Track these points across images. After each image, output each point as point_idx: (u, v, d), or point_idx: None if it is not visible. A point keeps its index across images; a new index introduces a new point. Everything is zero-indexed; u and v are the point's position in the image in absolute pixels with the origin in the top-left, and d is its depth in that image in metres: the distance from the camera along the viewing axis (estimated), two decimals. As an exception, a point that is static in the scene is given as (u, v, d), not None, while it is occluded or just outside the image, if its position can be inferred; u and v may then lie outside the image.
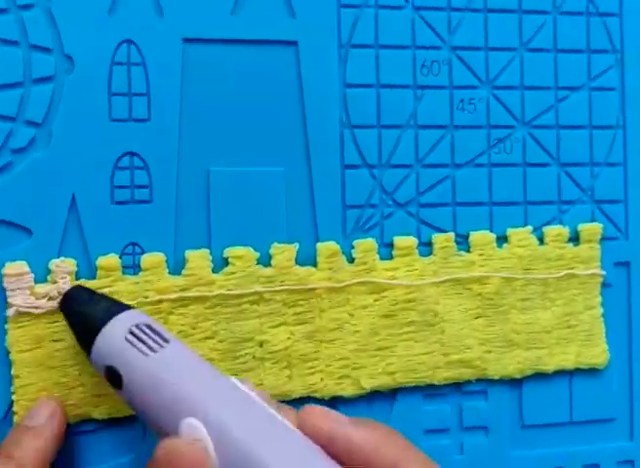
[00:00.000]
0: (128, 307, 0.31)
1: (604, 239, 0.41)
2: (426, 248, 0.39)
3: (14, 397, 0.34)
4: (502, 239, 0.40)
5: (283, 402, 0.35)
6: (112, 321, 0.30)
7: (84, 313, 0.31)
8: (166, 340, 0.29)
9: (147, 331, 0.29)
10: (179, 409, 0.27)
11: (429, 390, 0.38)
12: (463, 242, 0.39)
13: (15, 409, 0.33)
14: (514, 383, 0.40)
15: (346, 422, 0.28)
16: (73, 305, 0.31)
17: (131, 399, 0.29)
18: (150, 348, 0.28)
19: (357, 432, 0.28)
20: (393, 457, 0.27)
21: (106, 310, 0.30)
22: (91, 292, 0.32)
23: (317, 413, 0.28)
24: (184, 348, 0.30)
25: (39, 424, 0.32)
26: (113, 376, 0.29)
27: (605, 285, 0.41)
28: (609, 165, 0.41)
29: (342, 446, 0.27)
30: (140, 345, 0.28)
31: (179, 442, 0.26)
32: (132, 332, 0.29)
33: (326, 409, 0.29)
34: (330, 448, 0.27)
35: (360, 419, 0.29)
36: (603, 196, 0.41)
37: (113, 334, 0.29)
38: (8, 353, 0.33)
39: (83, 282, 0.34)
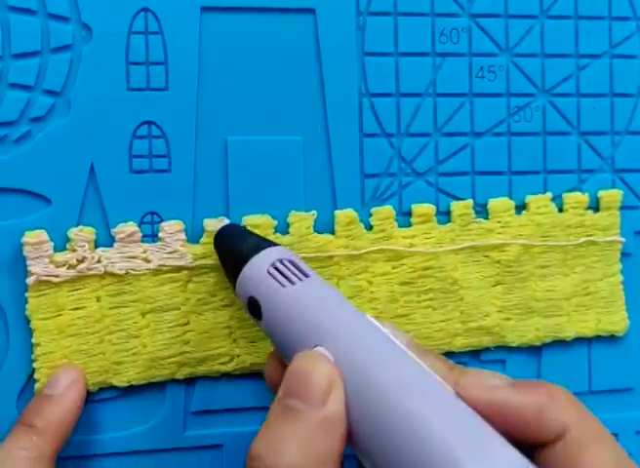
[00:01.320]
0: (275, 244, 0.31)
1: (624, 208, 0.39)
2: (445, 217, 0.37)
3: (35, 365, 0.33)
4: (521, 207, 0.38)
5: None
6: (258, 254, 0.30)
7: (233, 247, 0.31)
8: (306, 275, 0.29)
9: (289, 265, 0.29)
10: (307, 342, 0.26)
11: (448, 357, 0.37)
12: (482, 211, 0.38)
13: (36, 376, 0.33)
14: (533, 352, 0.39)
15: (505, 386, 0.25)
16: (225, 240, 0.32)
17: (269, 329, 0.29)
18: (289, 280, 0.28)
19: (517, 396, 0.25)
20: (561, 424, 0.24)
21: (254, 245, 0.30)
22: (243, 229, 0.33)
23: (472, 377, 0.25)
24: (324, 284, 0.29)
25: (60, 392, 0.31)
26: (254, 307, 0.29)
27: (624, 254, 0.39)
28: (630, 133, 0.40)
29: (500, 410, 0.24)
30: (280, 277, 0.28)
31: (314, 353, 0.25)
32: (274, 266, 0.29)
33: (483, 372, 0.26)
34: (485, 412, 0.24)
35: (521, 382, 0.26)
36: (624, 165, 0.40)
37: (257, 267, 0.29)
38: (29, 321, 0.33)
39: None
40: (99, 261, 0.33)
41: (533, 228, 0.38)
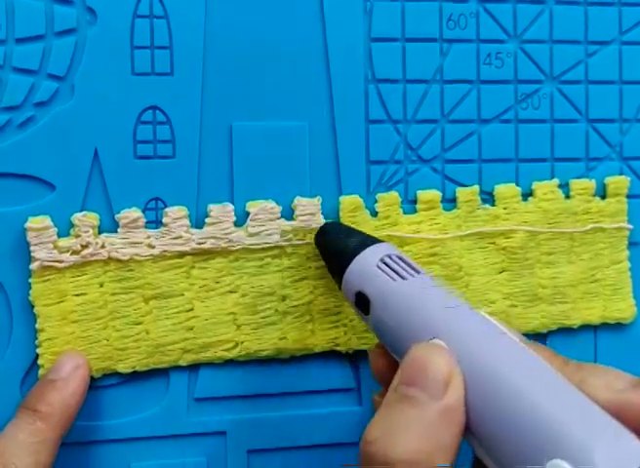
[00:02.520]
0: (380, 241, 0.31)
1: (632, 196, 0.39)
2: (451, 204, 0.37)
3: (38, 350, 0.33)
4: (528, 195, 0.38)
5: (305, 356, 0.35)
6: (366, 250, 0.30)
7: (340, 243, 0.31)
8: (417, 271, 0.29)
9: (399, 261, 0.29)
10: (421, 335, 0.26)
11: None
12: (488, 199, 0.37)
13: (39, 362, 0.33)
14: (539, 339, 0.38)
15: (630, 389, 0.25)
16: (330, 236, 0.32)
17: (377, 324, 0.29)
18: (400, 276, 0.28)
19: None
20: None
21: (361, 241, 0.31)
22: (347, 227, 0.33)
23: (598, 379, 0.25)
24: (435, 280, 0.29)
25: (63, 377, 0.31)
26: (362, 302, 0.29)
27: (632, 243, 0.39)
28: (639, 121, 0.39)
29: (626, 413, 0.24)
30: (390, 272, 0.28)
31: (433, 344, 0.25)
32: (383, 261, 0.29)
33: (604, 371, 0.26)
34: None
35: None
36: (632, 153, 0.39)
37: (366, 262, 0.29)
38: (32, 307, 0.33)
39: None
40: (102, 247, 0.33)
41: (539, 215, 0.37)
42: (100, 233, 0.33)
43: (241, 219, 0.34)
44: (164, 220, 0.33)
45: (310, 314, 0.35)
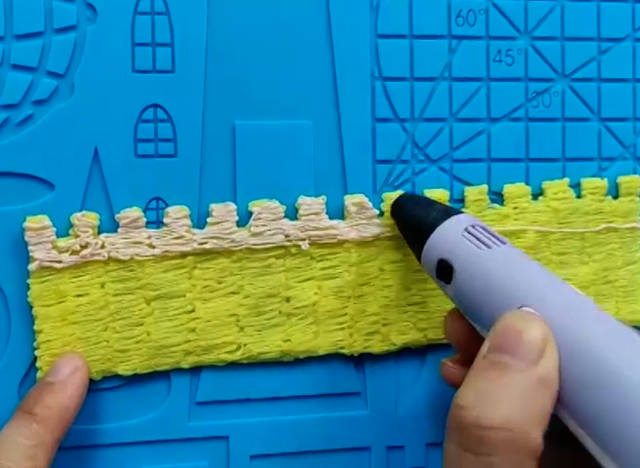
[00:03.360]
0: (462, 211, 0.31)
1: (645, 197, 0.38)
2: (459, 205, 0.36)
3: (37, 352, 0.32)
4: (538, 194, 0.37)
5: (309, 358, 0.34)
6: (450, 219, 0.30)
7: (421, 213, 0.31)
8: (502, 242, 0.29)
9: (483, 231, 0.29)
10: (510, 303, 0.26)
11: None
12: (498, 199, 0.36)
13: (38, 364, 0.32)
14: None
15: None
16: (408, 206, 0.32)
17: (459, 291, 0.29)
18: (486, 245, 0.28)
19: None
20: None
21: (443, 210, 0.31)
22: (424, 197, 0.33)
23: None
24: (521, 252, 0.29)
25: (61, 380, 0.31)
26: (444, 270, 0.29)
27: (646, 244, 0.38)
28: (653, 120, 0.38)
29: None
30: (475, 241, 0.29)
31: (527, 313, 0.25)
32: (467, 231, 0.29)
33: None
34: None
35: None
36: (646, 153, 0.38)
37: (450, 230, 0.29)
38: (31, 307, 0.32)
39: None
40: (102, 247, 0.32)
41: (550, 214, 0.36)
42: (99, 233, 0.32)
43: (244, 219, 0.34)
44: (165, 220, 0.33)
45: (315, 316, 0.34)
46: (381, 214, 0.35)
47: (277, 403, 0.35)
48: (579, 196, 0.37)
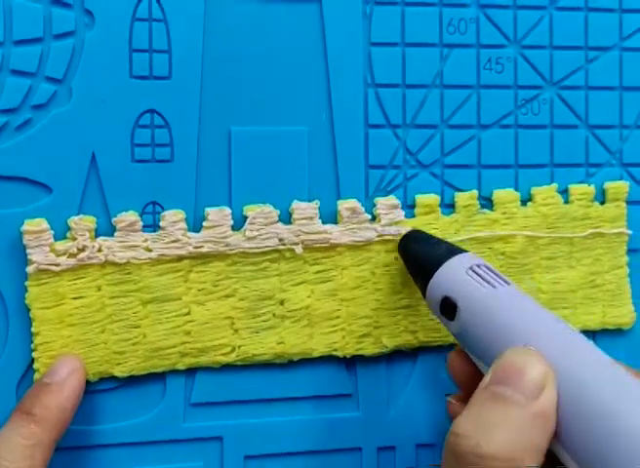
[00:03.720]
0: (466, 251, 0.32)
1: (631, 203, 0.39)
2: (450, 210, 0.37)
3: (34, 354, 0.32)
4: (527, 200, 0.37)
5: (302, 361, 0.35)
6: (455, 257, 0.31)
7: (426, 250, 0.32)
8: (506, 282, 0.29)
9: (488, 271, 0.30)
10: (513, 341, 0.27)
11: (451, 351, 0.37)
12: (487, 205, 0.37)
13: (35, 366, 0.32)
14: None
15: None
16: (414, 243, 0.33)
17: (463, 329, 0.29)
18: (490, 284, 0.29)
19: None
20: None
21: (448, 249, 0.32)
22: (429, 235, 0.34)
23: None
24: (524, 293, 0.29)
25: (59, 381, 0.31)
26: (448, 307, 0.30)
27: (632, 250, 0.39)
28: (639, 127, 0.39)
29: None
30: (480, 280, 0.29)
31: (529, 349, 0.26)
32: (472, 269, 0.30)
33: None
34: None
35: None
36: (632, 159, 0.39)
37: (455, 268, 0.30)
38: (28, 310, 0.32)
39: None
40: (99, 250, 0.33)
41: (538, 220, 0.37)
42: (96, 236, 0.33)
43: (239, 223, 0.34)
44: (161, 224, 0.33)
45: (308, 318, 0.35)
46: (374, 218, 0.36)
47: (271, 404, 0.35)
48: (566, 202, 0.38)
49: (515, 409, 0.24)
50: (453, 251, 0.31)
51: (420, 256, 0.32)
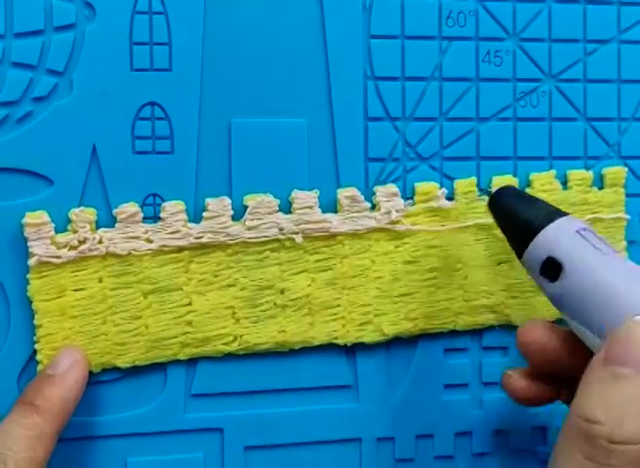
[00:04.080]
0: (568, 213, 0.31)
1: (629, 195, 0.39)
2: (449, 201, 0.37)
3: (36, 346, 0.33)
4: (526, 186, 0.38)
5: (302, 351, 0.35)
6: (562, 218, 0.30)
7: (528, 208, 0.31)
8: (614, 250, 0.29)
9: (595, 237, 0.29)
10: (627, 310, 0.26)
11: (450, 343, 0.37)
12: (487, 194, 0.37)
13: (38, 357, 0.33)
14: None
15: None
16: (512, 200, 0.32)
17: (566, 292, 0.29)
18: (599, 250, 0.29)
19: None
20: None
21: (551, 209, 0.31)
22: (525, 193, 0.34)
23: None
24: (632, 263, 0.29)
25: (61, 372, 0.31)
26: (551, 268, 0.29)
27: (630, 242, 0.39)
28: (637, 120, 0.39)
29: None
30: (590, 244, 0.29)
31: None
32: (579, 233, 0.29)
33: None
34: None
35: None
36: (630, 152, 0.39)
37: (563, 229, 0.30)
38: (31, 302, 0.33)
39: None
40: (100, 242, 0.33)
41: (537, 205, 0.37)
42: (97, 228, 0.33)
43: (239, 213, 0.34)
44: (162, 215, 0.33)
45: (309, 307, 0.35)
46: (373, 207, 0.36)
47: (271, 395, 0.36)
48: (565, 187, 0.38)
49: None
50: (557, 212, 0.31)
51: (521, 215, 0.31)
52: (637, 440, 0.23)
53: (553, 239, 0.30)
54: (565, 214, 0.31)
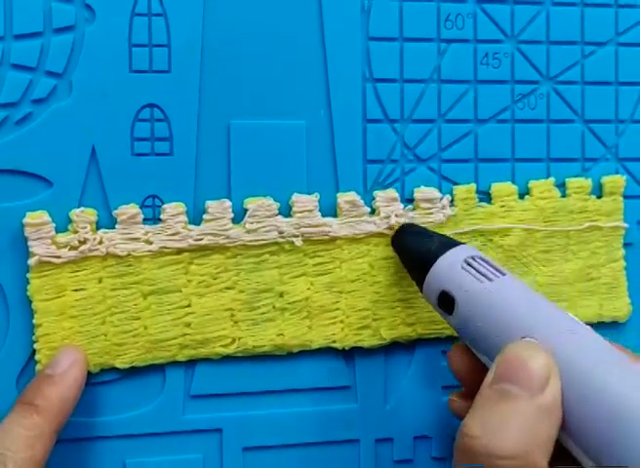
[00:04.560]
0: (461, 243, 0.32)
1: (627, 197, 0.39)
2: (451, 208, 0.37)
3: (36, 346, 0.33)
4: (524, 194, 0.38)
5: (302, 353, 0.35)
6: (450, 251, 0.31)
7: (421, 244, 0.32)
8: (502, 273, 0.30)
9: (483, 263, 0.30)
10: (513, 334, 0.27)
11: (448, 344, 0.37)
12: (485, 199, 0.38)
13: (37, 357, 0.33)
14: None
15: None
16: (409, 238, 0.34)
17: (461, 323, 0.30)
18: (486, 277, 0.29)
19: None
20: None
21: (442, 243, 0.32)
22: (424, 228, 0.34)
23: None
24: (521, 282, 0.30)
25: (60, 372, 0.31)
26: (446, 301, 0.30)
27: (627, 244, 0.39)
28: (634, 122, 0.39)
29: None
30: (475, 273, 0.29)
31: (530, 343, 0.26)
32: (467, 262, 0.30)
33: None
34: None
35: None
36: (627, 154, 0.39)
37: (450, 262, 0.30)
38: (30, 302, 0.33)
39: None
40: (100, 243, 0.33)
41: (536, 213, 0.38)
42: (97, 229, 0.33)
43: (239, 216, 0.35)
44: (162, 216, 0.34)
45: (308, 310, 0.35)
46: (372, 211, 0.36)
47: (270, 396, 0.36)
48: (564, 195, 0.38)
49: (522, 405, 0.25)
50: (447, 244, 0.31)
51: (415, 251, 0.32)
52: (514, 452, 0.24)
53: (442, 273, 0.30)
54: (457, 243, 0.32)
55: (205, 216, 0.34)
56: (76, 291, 0.33)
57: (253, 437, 0.36)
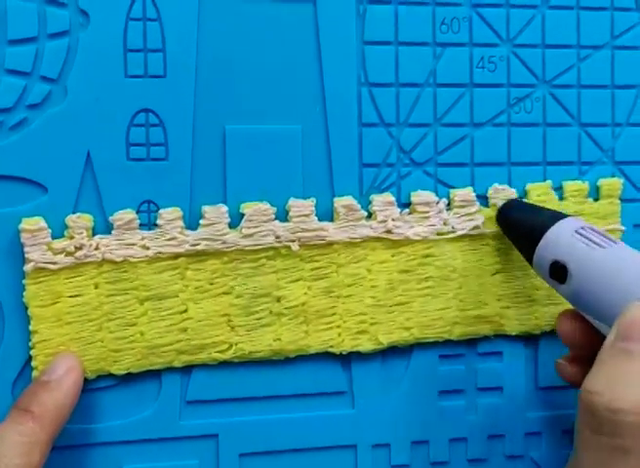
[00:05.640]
0: (569, 215, 0.33)
1: (624, 200, 0.39)
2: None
3: (32, 352, 0.33)
4: (522, 196, 0.38)
5: (298, 358, 0.35)
6: (559, 222, 0.32)
7: (529, 217, 0.34)
8: (614, 241, 0.31)
9: (594, 232, 0.31)
10: (630, 297, 0.28)
11: (445, 349, 0.38)
12: (482, 202, 0.38)
13: (33, 363, 0.33)
14: (530, 344, 0.39)
15: None
16: (517, 211, 0.35)
17: (576, 290, 0.31)
18: (599, 245, 0.30)
19: None
20: None
21: (551, 215, 0.33)
22: (529, 203, 0.36)
23: None
24: (633, 250, 0.31)
25: (57, 379, 0.31)
26: (558, 271, 0.31)
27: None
28: (630, 125, 0.40)
29: None
30: (588, 242, 0.31)
31: None
32: (578, 233, 0.31)
33: None
34: None
35: None
36: (624, 157, 0.40)
37: (561, 232, 0.32)
38: (26, 308, 0.33)
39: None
40: (96, 248, 0.33)
41: (533, 216, 0.38)
42: (93, 235, 0.34)
43: (235, 221, 0.35)
44: (158, 222, 0.34)
45: (304, 315, 0.36)
46: (369, 215, 0.36)
47: (266, 402, 0.36)
48: (561, 199, 0.39)
49: None
50: (556, 216, 0.33)
51: (524, 224, 0.34)
52: (636, 408, 0.25)
53: (554, 243, 0.32)
54: (565, 216, 0.33)
55: (201, 221, 0.34)
56: (72, 297, 0.33)
57: (249, 443, 0.36)
